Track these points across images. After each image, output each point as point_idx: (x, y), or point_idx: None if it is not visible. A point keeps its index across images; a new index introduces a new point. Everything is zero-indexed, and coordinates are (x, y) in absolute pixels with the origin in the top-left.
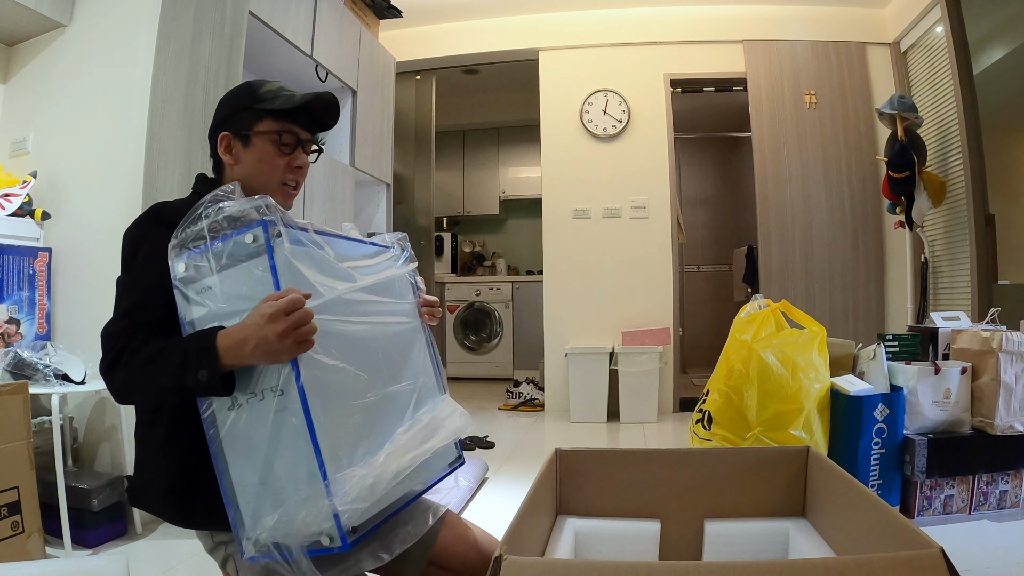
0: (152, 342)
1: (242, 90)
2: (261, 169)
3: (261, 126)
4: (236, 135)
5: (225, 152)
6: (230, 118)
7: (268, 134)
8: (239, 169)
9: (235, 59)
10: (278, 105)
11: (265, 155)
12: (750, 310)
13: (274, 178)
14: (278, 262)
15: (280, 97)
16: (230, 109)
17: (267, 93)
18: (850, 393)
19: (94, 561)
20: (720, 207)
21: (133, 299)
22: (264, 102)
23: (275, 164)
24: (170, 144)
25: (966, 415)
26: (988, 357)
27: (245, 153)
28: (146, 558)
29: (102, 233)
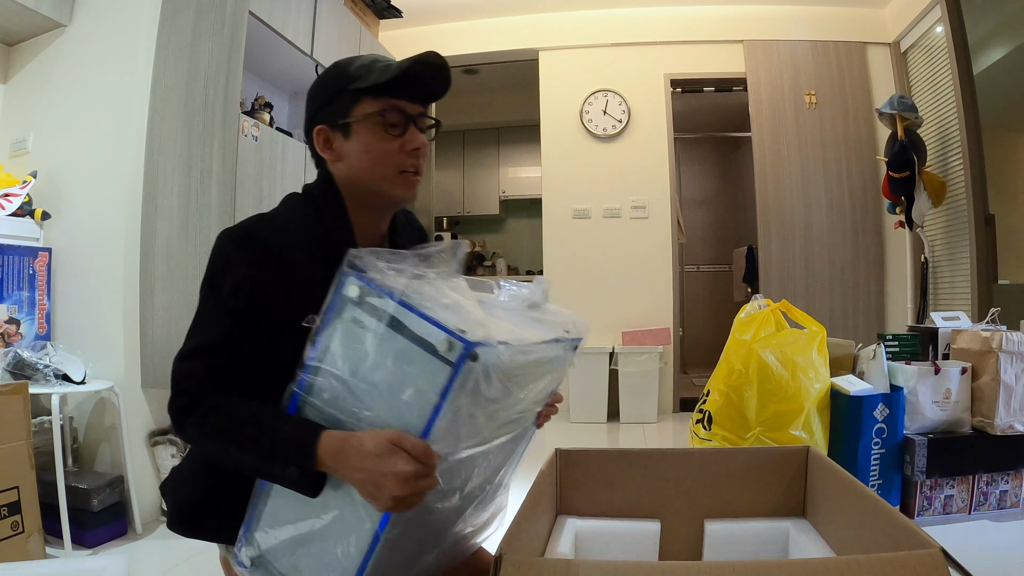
0: (232, 405)
1: (330, 73)
2: (369, 160)
3: (359, 109)
4: (333, 126)
5: (324, 148)
6: (323, 108)
7: (369, 117)
8: (344, 166)
9: (235, 59)
10: (374, 80)
11: (371, 142)
12: (750, 310)
13: (388, 167)
14: (453, 394)
15: (375, 70)
16: (321, 97)
17: (359, 69)
18: (850, 393)
19: (94, 561)
20: (720, 207)
21: (213, 336)
22: (357, 80)
23: (385, 150)
24: (170, 144)
25: (966, 415)
26: (988, 357)
27: (347, 145)
28: (146, 558)
29: (102, 233)
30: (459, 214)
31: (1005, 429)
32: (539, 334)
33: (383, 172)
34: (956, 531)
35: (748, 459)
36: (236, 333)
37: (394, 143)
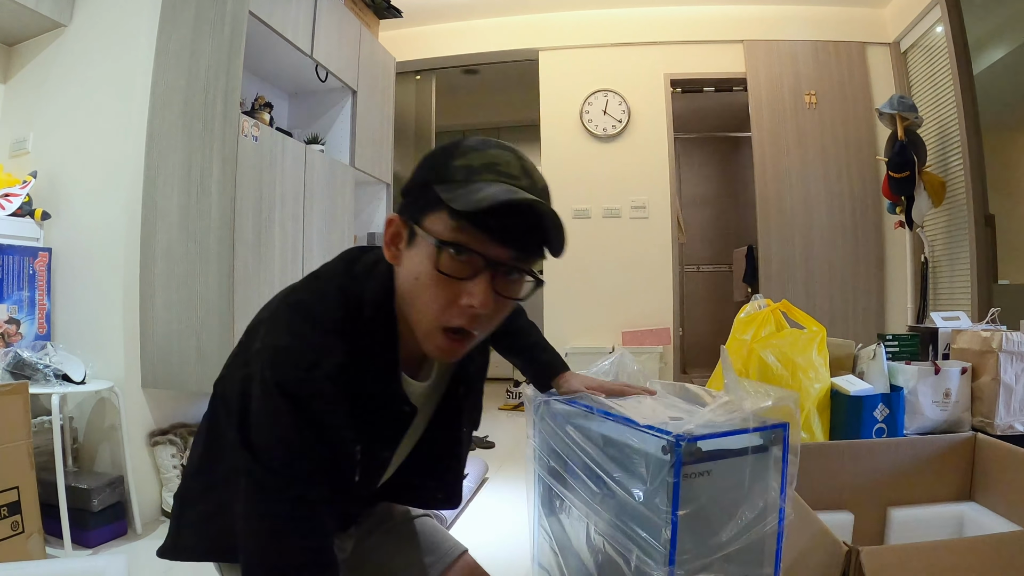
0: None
1: (440, 151)
2: (416, 291)
3: (434, 222)
4: (404, 217)
5: (391, 241)
6: (408, 190)
7: (435, 239)
8: (399, 276)
9: (235, 59)
10: (460, 200)
11: (422, 272)
12: (750, 310)
13: (429, 313)
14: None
15: (474, 183)
16: (415, 175)
17: (459, 170)
18: (850, 393)
19: (94, 561)
20: (720, 207)
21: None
22: (446, 184)
23: (433, 293)
24: (170, 144)
25: (966, 415)
26: (988, 357)
27: (407, 255)
28: (146, 558)
29: (102, 233)
30: None
31: (1005, 429)
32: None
33: (420, 317)
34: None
35: (921, 448)
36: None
37: (447, 288)
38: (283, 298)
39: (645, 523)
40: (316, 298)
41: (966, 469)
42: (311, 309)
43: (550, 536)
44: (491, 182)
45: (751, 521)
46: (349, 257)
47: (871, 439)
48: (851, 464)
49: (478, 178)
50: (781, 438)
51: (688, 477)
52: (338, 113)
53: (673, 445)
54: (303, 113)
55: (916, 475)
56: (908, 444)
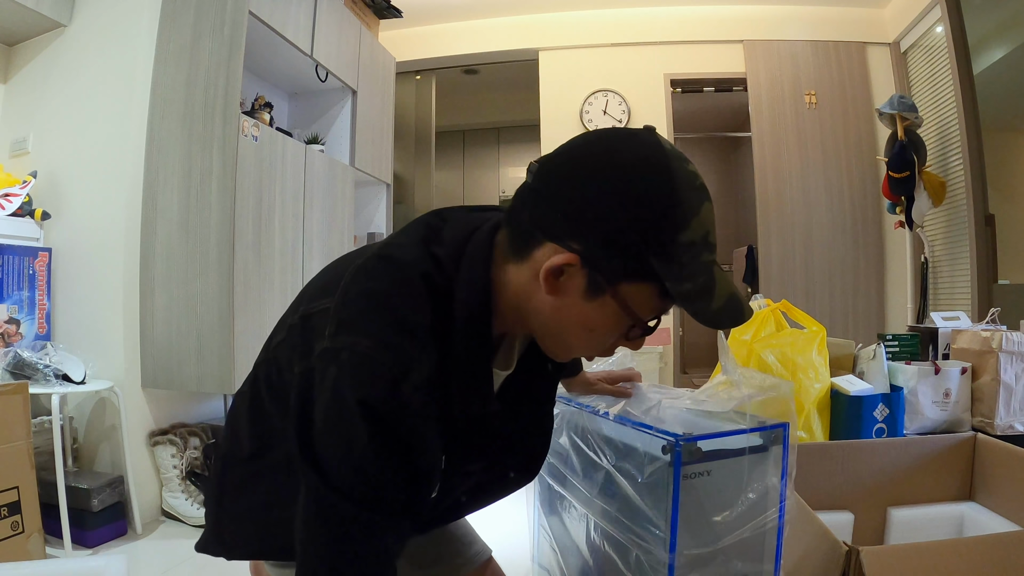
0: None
1: (656, 204)
2: (585, 337)
3: (633, 292)
4: (588, 267)
5: (548, 277)
6: (602, 240)
7: (631, 313)
8: (551, 305)
9: (235, 59)
10: (684, 295)
11: (604, 327)
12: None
13: (584, 351)
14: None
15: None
16: (617, 222)
17: (684, 248)
18: (850, 393)
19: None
20: (720, 207)
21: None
22: (670, 263)
23: (603, 342)
24: (170, 144)
25: (966, 415)
26: (988, 357)
27: (579, 302)
28: (146, 558)
29: (102, 233)
30: None
31: (1005, 429)
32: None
33: (579, 350)
34: None
35: (922, 448)
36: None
37: (616, 338)
38: (356, 282)
39: (645, 522)
40: (400, 292)
41: (966, 469)
42: (396, 307)
43: (550, 535)
44: (710, 266)
45: (751, 520)
46: (425, 234)
47: (871, 439)
48: (851, 464)
49: (702, 259)
50: (780, 438)
51: (688, 477)
52: (338, 113)
53: (673, 445)
54: (303, 113)
55: (916, 475)
56: (908, 444)
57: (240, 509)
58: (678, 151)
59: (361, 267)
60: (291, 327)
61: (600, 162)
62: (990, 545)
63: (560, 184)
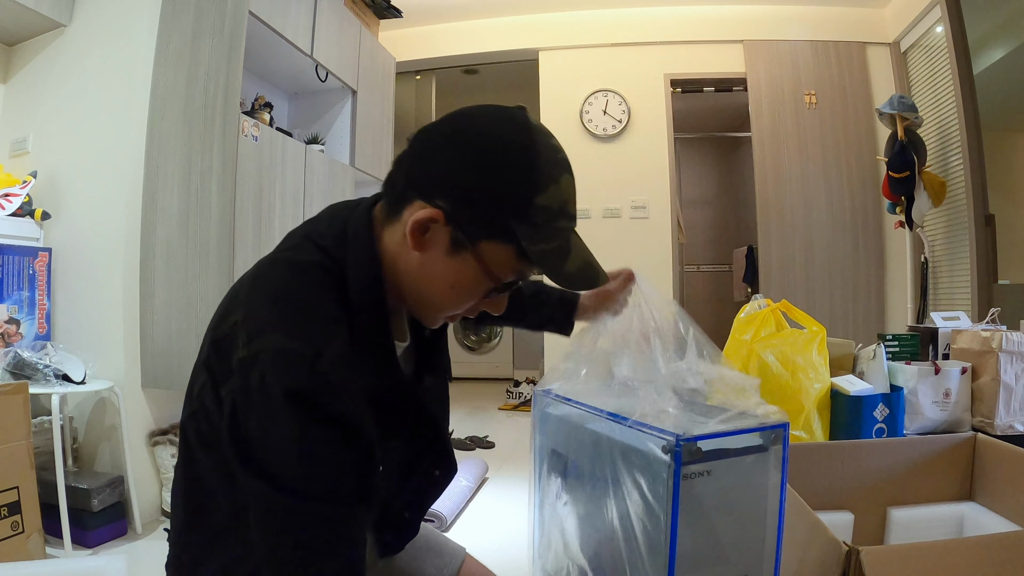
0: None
1: (513, 165)
2: (447, 295)
3: (493, 251)
4: (451, 225)
5: (415, 231)
6: (464, 198)
7: (490, 272)
8: (418, 262)
9: (235, 59)
10: (539, 255)
11: (466, 284)
12: (750, 310)
13: (453, 309)
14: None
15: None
16: (477, 183)
17: (541, 212)
18: (850, 393)
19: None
20: (720, 207)
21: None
22: (527, 225)
23: (468, 299)
24: (170, 144)
25: (966, 415)
26: (988, 357)
27: (443, 258)
28: (146, 558)
29: (102, 233)
30: None
31: (1005, 429)
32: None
33: (443, 308)
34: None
35: (922, 448)
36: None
37: (478, 298)
38: (255, 291)
39: (645, 522)
40: (298, 286)
41: (966, 469)
42: (296, 299)
43: (550, 536)
44: (568, 231)
45: (751, 521)
46: (306, 231)
47: (871, 439)
48: (851, 464)
49: (558, 224)
50: (781, 438)
51: (688, 477)
52: (338, 113)
53: (673, 445)
54: (303, 113)
55: (916, 475)
56: (908, 444)
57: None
58: (544, 128)
59: (257, 276)
60: (207, 365)
61: (469, 130)
62: (990, 545)
63: (432, 149)
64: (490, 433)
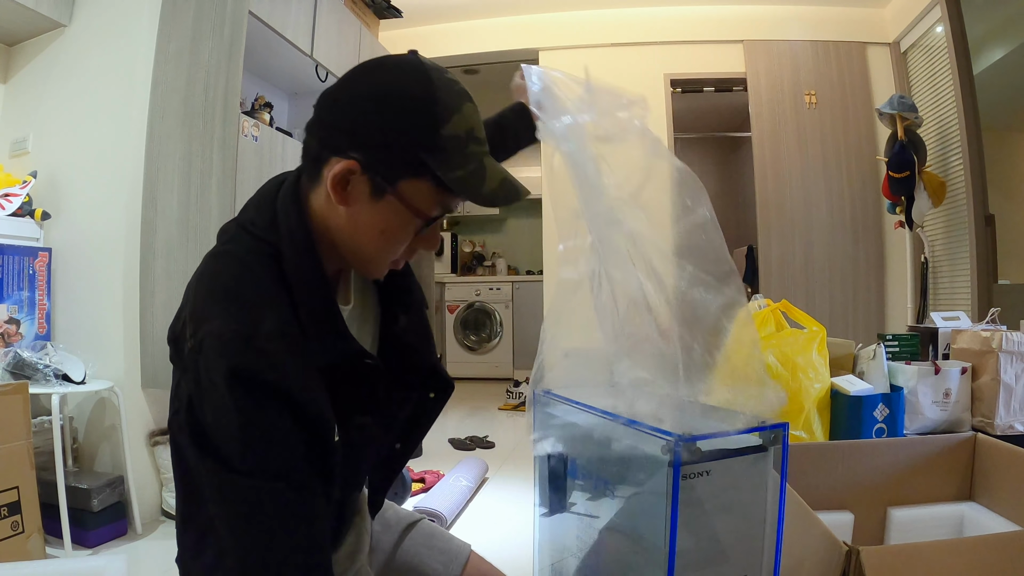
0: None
1: (414, 105)
2: (379, 242)
3: (412, 189)
4: (369, 173)
5: (337, 186)
6: (375, 144)
7: (414, 208)
8: (346, 216)
9: (235, 59)
10: (457, 182)
11: (394, 227)
12: (750, 310)
13: (389, 255)
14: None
15: (465, 162)
16: (383, 128)
17: (449, 140)
18: (850, 393)
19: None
20: (720, 207)
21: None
22: (439, 156)
23: (400, 241)
24: (170, 144)
25: (966, 415)
26: (988, 357)
27: (367, 206)
28: (146, 558)
29: (102, 233)
30: (459, 214)
31: (1005, 429)
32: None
33: (380, 257)
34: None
35: (922, 448)
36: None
37: (408, 238)
38: (199, 286)
39: (644, 523)
40: (233, 272)
41: (966, 469)
42: (231, 285)
43: (551, 536)
44: (480, 155)
45: (751, 521)
46: (239, 220)
47: (871, 439)
48: (851, 464)
49: (469, 150)
50: (780, 438)
51: (687, 477)
52: None
53: (672, 445)
54: (303, 113)
55: (916, 475)
56: (908, 444)
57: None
58: (439, 66)
59: (201, 273)
60: (172, 362)
61: (367, 79)
62: (990, 545)
63: (336, 107)
64: (490, 433)
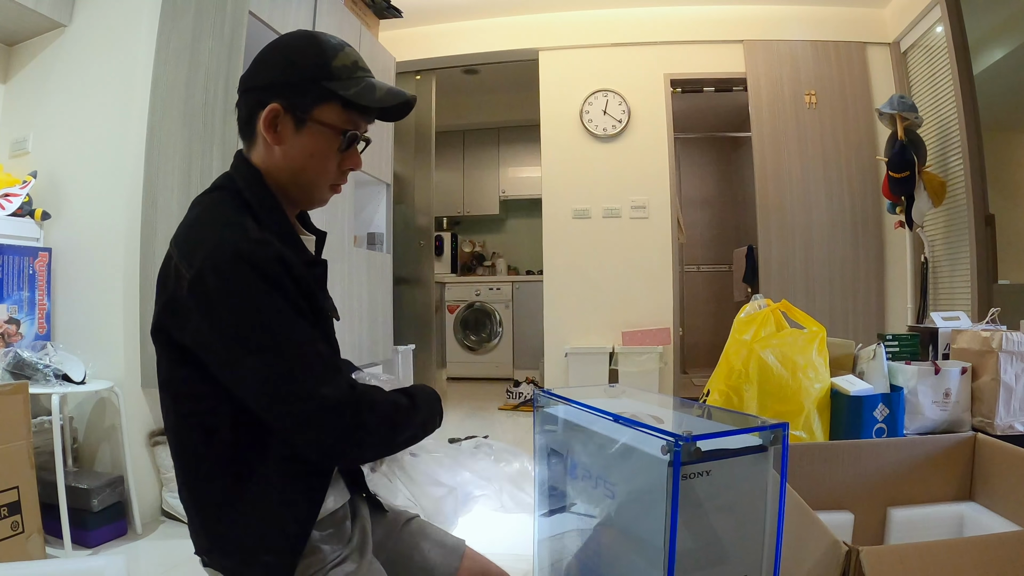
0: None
1: (305, 50)
2: (312, 165)
3: (324, 113)
4: (289, 111)
5: (268, 128)
6: (286, 86)
7: (331, 126)
8: (281, 153)
9: (235, 59)
10: (354, 96)
11: (320, 149)
12: (750, 310)
13: (325, 177)
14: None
15: (356, 82)
16: (287, 73)
17: (340, 70)
18: (850, 393)
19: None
20: (720, 207)
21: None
22: (335, 81)
23: (329, 162)
24: (170, 144)
25: (966, 415)
26: (988, 357)
27: (295, 138)
28: (146, 558)
29: (102, 233)
30: (459, 214)
31: (1005, 429)
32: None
33: (317, 180)
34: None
35: (922, 448)
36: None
37: (338, 157)
38: (187, 236)
39: (644, 523)
40: (212, 210)
41: (966, 469)
42: (214, 216)
43: (551, 535)
44: (368, 78)
45: (751, 521)
46: (206, 190)
47: (871, 439)
48: (851, 464)
49: (358, 76)
50: (780, 438)
51: (687, 477)
52: None
53: (672, 445)
54: None
55: (916, 475)
56: (908, 444)
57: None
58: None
59: (177, 229)
60: (163, 311)
61: (267, 49)
62: (990, 545)
63: (251, 78)
64: (490, 433)
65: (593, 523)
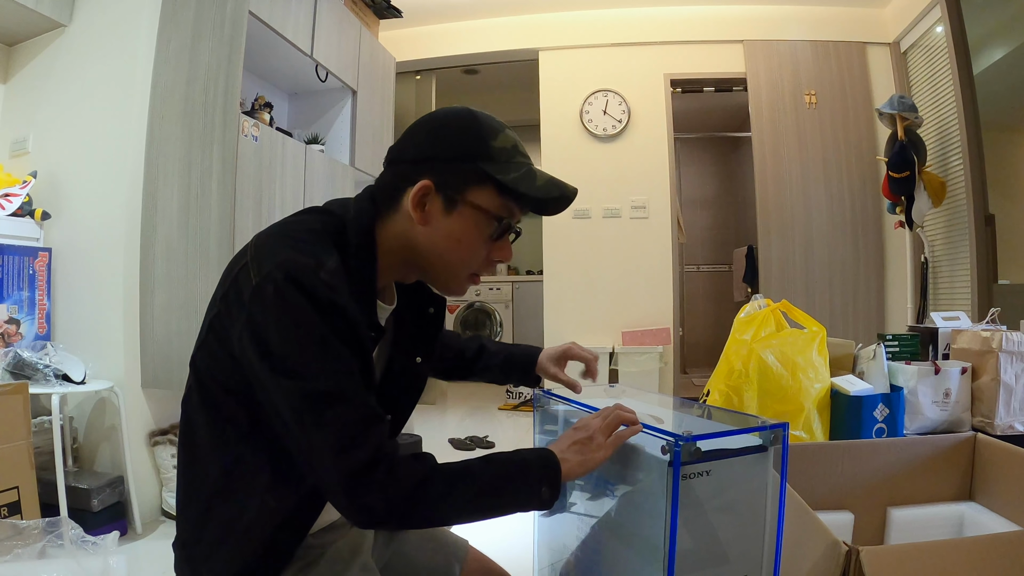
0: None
1: (463, 127)
2: (457, 250)
3: (479, 196)
4: (440, 190)
5: (416, 207)
6: (439, 162)
7: (485, 211)
8: (425, 235)
9: (235, 59)
10: (512, 181)
11: (469, 236)
12: (750, 310)
13: (469, 266)
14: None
15: (516, 167)
16: (442, 149)
17: (500, 152)
18: (850, 393)
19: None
20: (720, 207)
21: (360, 395)
22: (493, 164)
23: (477, 250)
24: (170, 144)
25: (966, 415)
26: (988, 357)
27: (443, 220)
28: (146, 558)
29: (102, 233)
30: None
31: (1005, 429)
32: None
33: (459, 269)
34: None
35: (922, 448)
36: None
37: (487, 247)
38: (268, 240)
39: (644, 523)
40: (302, 232)
41: (966, 469)
42: (301, 236)
43: (551, 535)
44: (527, 164)
45: (751, 521)
46: (307, 209)
47: (871, 439)
48: (851, 464)
49: (517, 160)
50: (780, 438)
51: (687, 477)
52: (338, 113)
53: (672, 445)
54: (303, 113)
55: (916, 475)
56: (908, 444)
57: (224, 521)
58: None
59: (264, 232)
60: (222, 299)
61: (423, 122)
62: (990, 545)
63: (402, 150)
64: (490, 433)
65: (593, 523)
